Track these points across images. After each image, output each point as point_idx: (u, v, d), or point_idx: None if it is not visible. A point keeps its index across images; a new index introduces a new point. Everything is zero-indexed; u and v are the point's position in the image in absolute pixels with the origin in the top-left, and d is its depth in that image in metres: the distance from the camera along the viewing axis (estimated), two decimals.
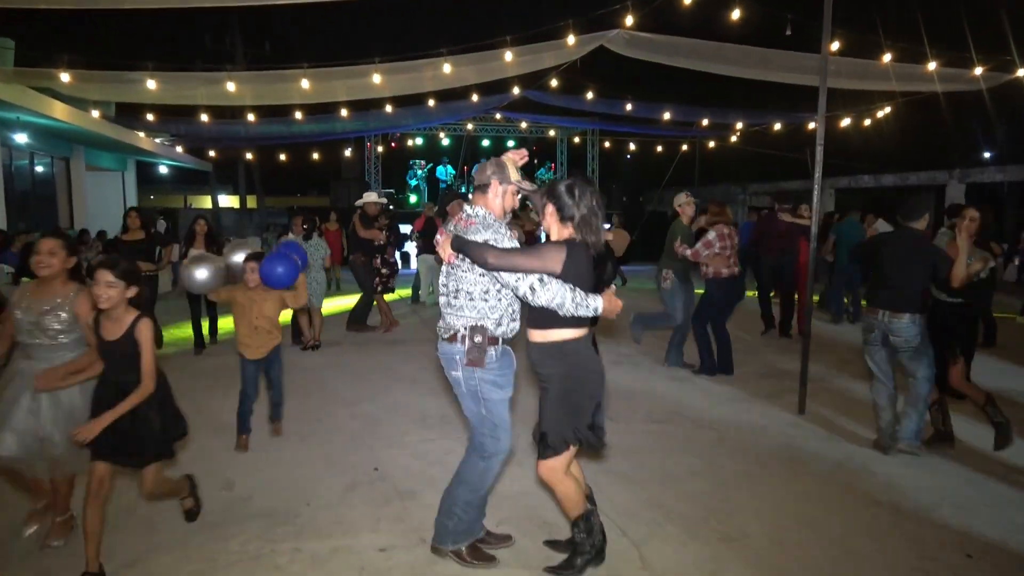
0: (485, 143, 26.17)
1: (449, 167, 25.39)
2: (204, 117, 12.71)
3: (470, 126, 22.63)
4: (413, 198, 24.79)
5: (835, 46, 8.75)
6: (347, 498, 4.37)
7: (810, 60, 9.30)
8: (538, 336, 3.31)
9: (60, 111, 11.52)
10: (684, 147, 20.12)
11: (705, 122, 14.45)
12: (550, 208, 3.29)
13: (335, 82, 9.41)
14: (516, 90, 11.90)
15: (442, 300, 3.46)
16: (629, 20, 8.61)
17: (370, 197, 9.63)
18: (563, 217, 3.26)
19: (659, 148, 21.02)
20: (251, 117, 12.97)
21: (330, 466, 4.88)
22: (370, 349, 8.81)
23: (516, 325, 3.46)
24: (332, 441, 5.40)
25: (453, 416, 6.02)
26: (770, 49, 9.56)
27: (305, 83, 8.81)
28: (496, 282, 3.30)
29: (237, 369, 5.41)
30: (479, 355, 3.30)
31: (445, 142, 25.67)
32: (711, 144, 18.18)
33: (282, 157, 23.21)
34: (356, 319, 9.83)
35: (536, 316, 3.29)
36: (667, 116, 13.59)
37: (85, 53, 8.47)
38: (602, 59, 11.17)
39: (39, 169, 16.49)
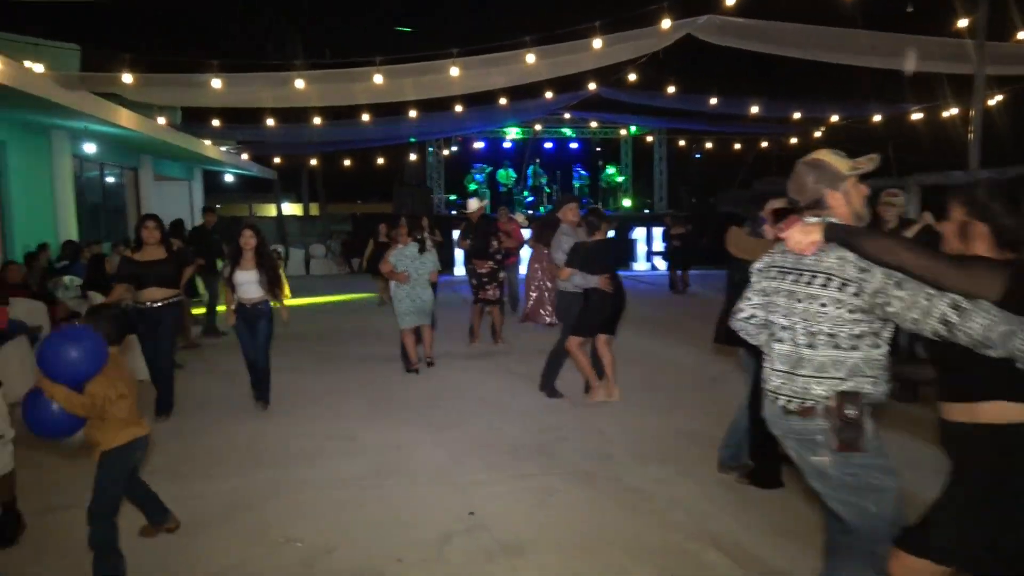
0: (548, 145, 25.49)
1: (511, 170, 24.80)
2: (270, 122, 12.43)
3: (538, 127, 21.95)
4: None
5: (962, 23, 7.76)
6: (443, 552, 3.72)
7: (931, 45, 8.32)
8: (960, 413, 2.22)
9: (126, 118, 11.34)
10: (764, 144, 19.06)
11: (797, 115, 13.45)
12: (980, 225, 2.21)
13: (405, 79, 8.89)
14: (592, 85, 11.21)
15: (776, 347, 2.51)
16: (728, 1, 7.80)
17: (473, 204, 9.08)
18: (1003, 241, 2.20)
19: (737, 145, 19.96)
20: (317, 120, 12.60)
21: (418, 509, 4.25)
22: (457, 365, 8.19)
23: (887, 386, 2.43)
24: (415, 477, 4.78)
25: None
26: (886, 33, 8.61)
27: (378, 78, 8.28)
28: (873, 319, 2.31)
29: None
30: (855, 435, 2.30)
31: (507, 145, 25.10)
32: (793, 140, 17.12)
33: (346, 163, 22.98)
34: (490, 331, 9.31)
35: (958, 378, 2.23)
36: (754, 110, 12.67)
37: (149, 57, 8.18)
38: (687, 50, 10.39)
39: (109, 180, 16.56)
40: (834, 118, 13.76)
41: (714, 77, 12.24)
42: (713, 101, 12.30)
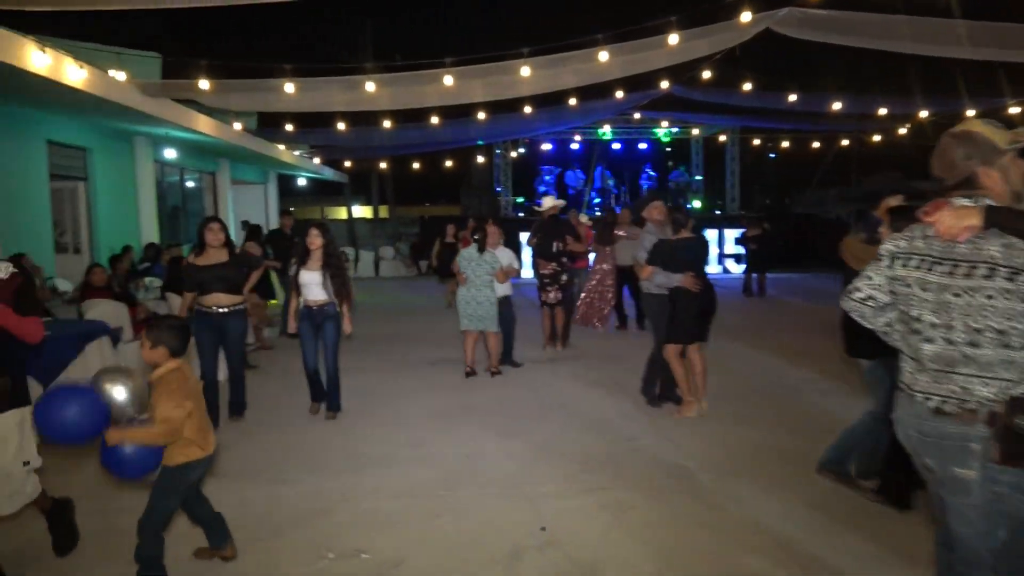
0: (616, 146, 25.12)
1: (579, 171, 24.56)
2: (341, 126, 12.57)
3: (607, 127, 21.64)
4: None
5: None
6: (514, 569, 3.57)
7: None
8: None
9: (204, 124, 11.69)
10: (844, 142, 18.29)
11: (883, 111, 12.77)
12: None
13: (475, 80, 8.81)
14: (665, 84, 10.89)
15: (926, 348, 2.23)
16: None
17: (547, 203, 8.95)
18: None
19: (815, 144, 19.19)
20: (387, 124, 12.68)
21: (488, 523, 4.12)
22: (523, 370, 8.03)
23: None
24: (485, 488, 4.65)
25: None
26: (984, 23, 8.05)
27: (448, 79, 8.22)
28: None
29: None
30: (1021, 448, 2.04)
31: (575, 146, 24.85)
32: (876, 138, 16.32)
33: (415, 166, 23.19)
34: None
35: None
36: (836, 107, 12.09)
37: (225, 65, 8.35)
38: (765, 45, 9.98)
39: (189, 184, 17.13)
40: (923, 114, 13.01)
41: (792, 73, 11.73)
42: (792, 98, 11.80)
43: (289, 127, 13.04)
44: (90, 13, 6.79)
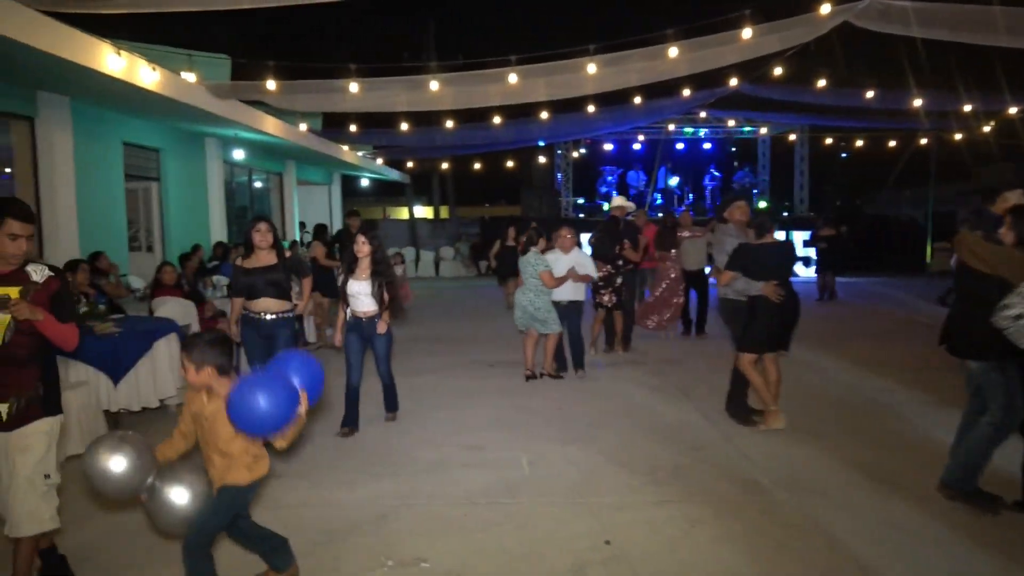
0: (679, 146, 24.61)
1: (641, 172, 24.14)
2: (404, 126, 12.63)
3: (671, 127, 21.20)
4: (606, 205, 23.78)
5: None
6: None
7: None
8: None
9: (272, 125, 11.92)
10: (923, 140, 17.49)
11: (967, 108, 12.08)
12: None
13: (539, 79, 8.68)
14: (734, 81, 10.54)
15: None
16: None
17: (615, 202, 8.78)
18: None
19: (891, 143, 18.36)
20: (449, 124, 12.69)
21: (550, 534, 3.97)
22: (585, 374, 7.86)
23: None
24: (546, 496, 4.50)
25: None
26: None
27: (513, 77, 8.10)
28: None
29: None
30: None
31: (636, 146, 24.46)
32: (957, 136, 15.49)
33: (475, 166, 23.23)
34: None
35: None
36: (917, 103, 11.49)
37: (292, 66, 8.45)
38: (841, 39, 9.56)
39: (256, 184, 17.53)
40: (1012, 110, 12.21)
41: (869, 68, 11.17)
42: (869, 94, 11.26)
43: (353, 127, 13.17)
44: (161, 17, 6.93)
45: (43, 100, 8.70)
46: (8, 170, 9.01)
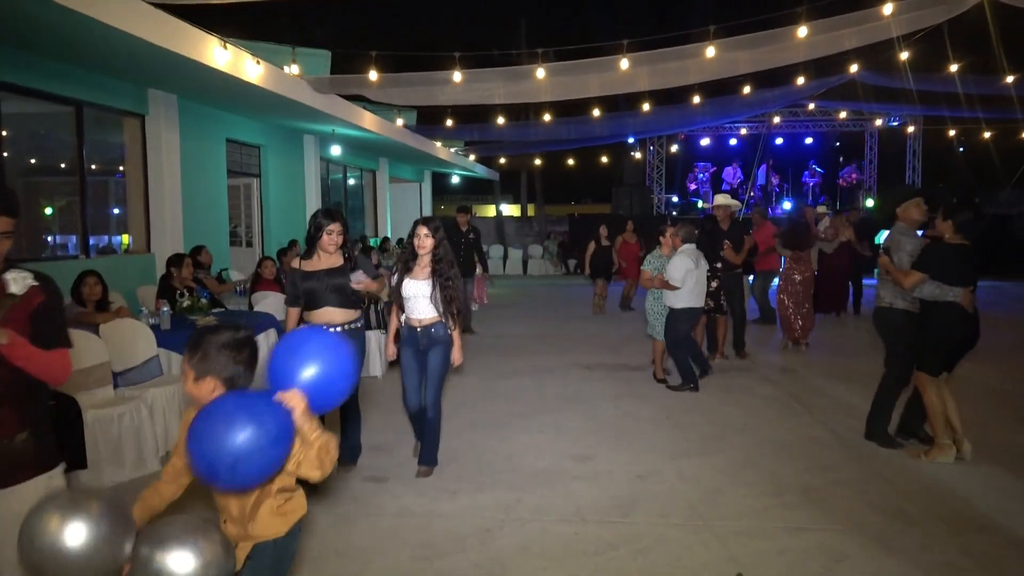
0: (779, 140, 23.47)
1: (738, 169, 23.17)
2: (499, 120, 12.43)
3: (776, 119, 20.21)
4: (701, 203, 22.95)
5: None
6: None
7: None
8: None
9: (369, 121, 11.93)
10: None
11: None
12: None
13: (646, 67, 8.22)
14: (854, 67, 9.75)
15: None
16: None
17: (718, 200, 8.20)
18: None
19: (1021, 136, 16.82)
20: (546, 117, 12.38)
21: (672, 560, 3.59)
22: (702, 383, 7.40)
23: None
24: (664, 516, 4.11)
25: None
26: None
27: (624, 63, 7.67)
28: None
29: None
30: None
31: (733, 141, 23.50)
32: None
33: (569, 162, 22.84)
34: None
35: None
36: None
37: (391, 58, 8.35)
38: (973, 21, 8.67)
39: (351, 181, 17.75)
40: None
41: (1007, 51, 10.10)
42: (1009, 79, 10.18)
43: (449, 122, 13.04)
44: (264, 13, 6.90)
45: (153, 98, 8.92)
46: (121, 168, 9.28)
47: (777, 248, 9.01)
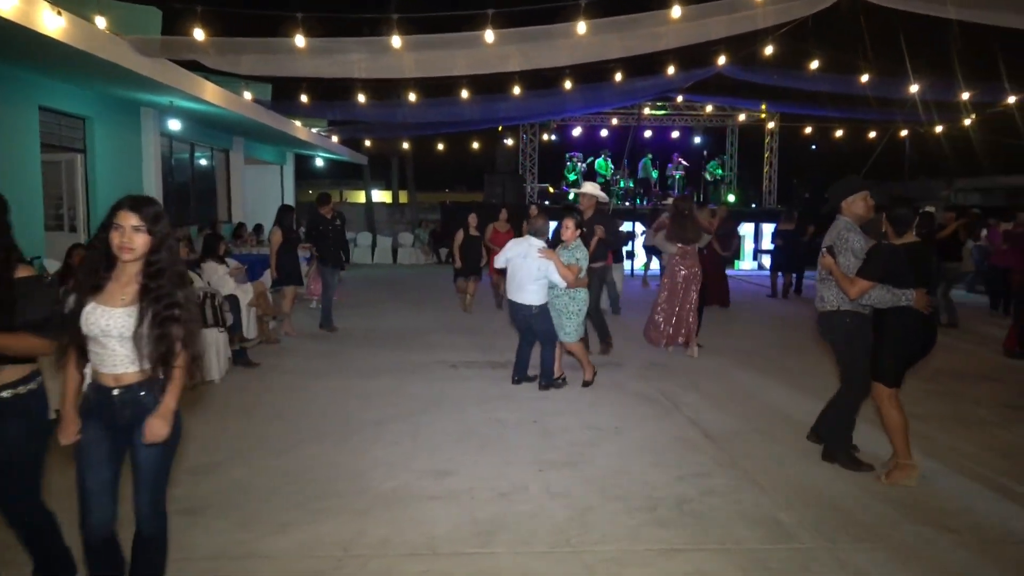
0: (648, 133, 23.83)
1: (609, 160, 23.32)
2: (361, 98, 11.55)
3: (647, 110, 20.37)
4: (572, 194, 22.86)
5: None
6: None
7: None
8: None
9: (212, 93, 10.66)
10: (903, 132, 17.06)
11: (965, 95, 11.46)
12: None
13: (515, 46, 7.71)
14: (722, 59, 9.73)
15: None
16: None
17: (588, 188, 7.69)
18: None
19: (872, 134, 17.85)
20: (411, 96, 11.64)
21: None
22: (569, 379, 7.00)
23: None
24: (527, 543, 3.62)
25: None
26: None
27: (490, 35, 7.05)
28: None
29: None
30: None
31: (604, 133, 23.61)
32: (938, 129, 15.01)
33: (439, 147, 22.07)
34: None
35: None
36: (913, 89, 10.81)
37: (234, 17, 7.37)
38: (837, 17, 8.84)
39: (201, 162, 16.23)
40: (1011, 100, 11.64)
41: (867, 51, 10.42)
42: (864, 78, 10.54)
43: (304, 98, 11.99)
44: None
45: None
46: None
47: (656, 241, 8.41)
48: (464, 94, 11.50)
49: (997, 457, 4.97)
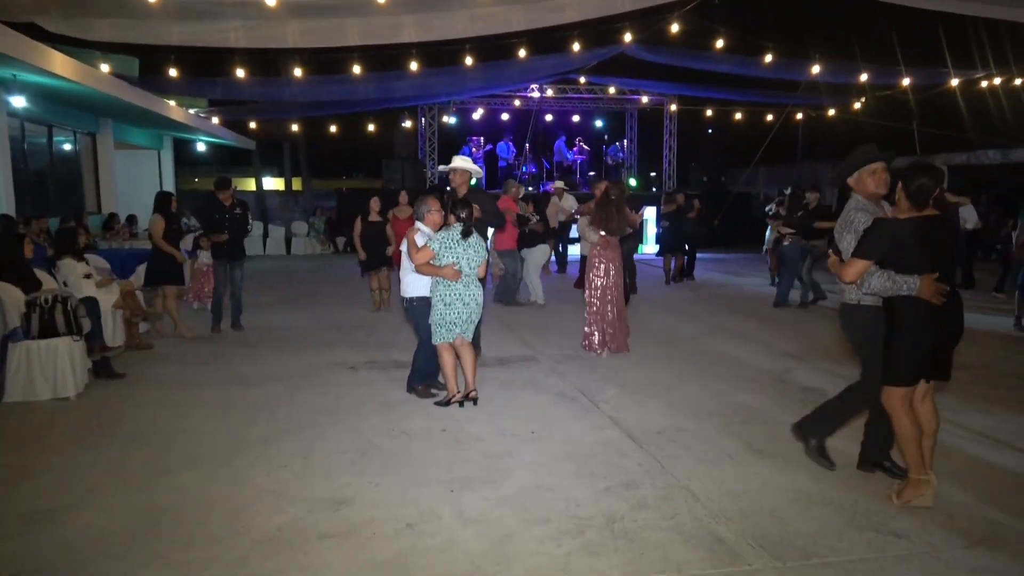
0: (549, 117, 23.51)
1: (511, 144, 22.85)
2: (241, 73, 10.49)
3: (550, 92, 19.91)
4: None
5: None
6: None
7: None
8: None
9: (62, 65, 9.32)
10: (799, 116, 17.42)
11: (864, 77, 11.62)
12: None
13: (407, 15, 7.01)
14: (628, 36, 9.37)
15: None
16: None
17: (458, 162, 6.70)
18: None
19: (769, 117, 18.13)
20: (298, 72, 10.69)
21: None
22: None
23: None
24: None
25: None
26: None
27: None
28: None
29: None
30: None
31: (505, 116, 23.11)
32: (831, 112, 15.36)
33: (331, 129, 20.79)
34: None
35: None
36: (816, 70, 10.79)
37: None
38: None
39: (64, 147, 14.58)
40: (905, 82, 11.92)
41: (769, 32, 10.33)
42: (768, 59, 10.46)
43: (174, 71, 10.80)
44: None
45: None
46: None
47: (582, 231, 7.66)
48: (357, 69, 10.65)
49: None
